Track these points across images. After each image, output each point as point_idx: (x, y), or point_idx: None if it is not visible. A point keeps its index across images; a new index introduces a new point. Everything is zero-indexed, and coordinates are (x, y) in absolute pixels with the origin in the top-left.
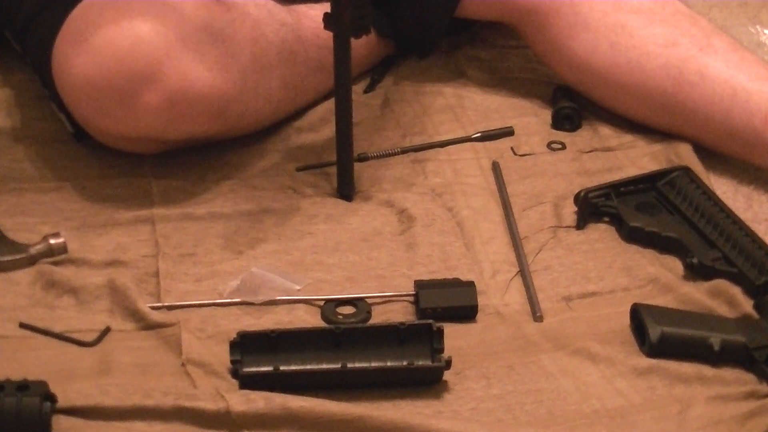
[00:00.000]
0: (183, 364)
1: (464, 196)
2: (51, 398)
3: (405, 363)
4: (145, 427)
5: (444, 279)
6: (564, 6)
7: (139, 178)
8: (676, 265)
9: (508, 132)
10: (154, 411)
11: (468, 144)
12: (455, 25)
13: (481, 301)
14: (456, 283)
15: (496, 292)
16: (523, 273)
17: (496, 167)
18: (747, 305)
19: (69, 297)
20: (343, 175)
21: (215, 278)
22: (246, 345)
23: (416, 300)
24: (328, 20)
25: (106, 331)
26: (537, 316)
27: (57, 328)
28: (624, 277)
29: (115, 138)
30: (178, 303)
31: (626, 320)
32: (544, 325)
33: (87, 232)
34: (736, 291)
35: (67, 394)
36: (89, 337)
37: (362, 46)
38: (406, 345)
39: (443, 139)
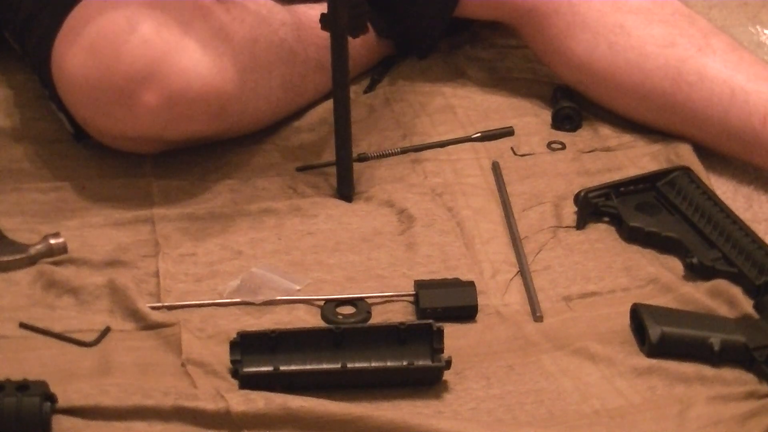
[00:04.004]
0: (183, 364)
1: (464, 196)
2: (51, 398)
3: (405, 363)
4: (145, 427)
5: (444, 279)
6: (563, 6)
7: (139, 178)
8: (676, 265)
9: (508, 132)
10: (154, 411)
11: (468, 144)
12: (455, 25)
13: (481, 301)
14: (456, 283)
15: (496, 292)
16: (523, 273)
17: (496, 167)
18: (747, 305)
19: (69, 297)
20: (342, 175)
21: (215, 278)
22: (246, 345)
23: (416, 300)
24: (325, 20)
25: (106, 331)
26: (537, 316)
27: (57, 328)
28: (624, 277)
29: (114, 138)
30: (178, 303)
31: (626, 320)
32: (544, 325)
33: (87, 232)
34: (736, 291)
35: (67, 394)
36: (89, 337)
37: (362, 46)
38: (406, 345)
39: (443, 139)
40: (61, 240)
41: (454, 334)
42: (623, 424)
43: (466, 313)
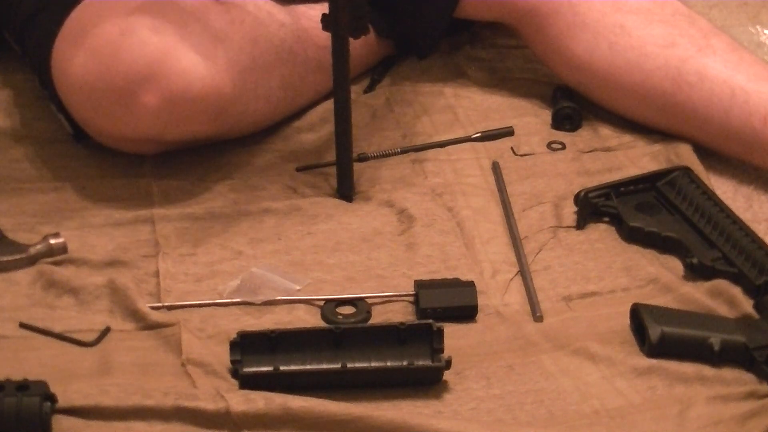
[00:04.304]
0: (183, 364)
1: (464, 196)
2: (51, 398)
3: (405, 363)
4: (145, 427)
5: (444, 279)
6: (563, 6)
7: (139, 178)
8: (676, 265)
9: (508, 132)
10: (154, 411)
11: (468, 144)
12: (455, 25)
13: (481, 301)
14: (456, 283)
15: (496, 292)
16: (523, 273)
17: (496, 167)
18: (747, 305)
19: (69, 297)
20: (342, 175)
21: (215, 278)
22: (246, 345)
23: (416, 300)
24: (326, 21)
25: (106, 331)
26: (537, 316)
27: (57, 328)
28: (624, 277)
29: (114, 138)
30: (178, 303)
31: (626, 320)
32: (544, 325)
33: (87, 232)
34: (736, 291)
35: (67, 394)
36: (89, 337)
37: (362, 46)
38: (406, 345)
39: (443, 139)
40: (61, 240)
41: (454, 334)
42: (623, 424)
43: (466, 313)
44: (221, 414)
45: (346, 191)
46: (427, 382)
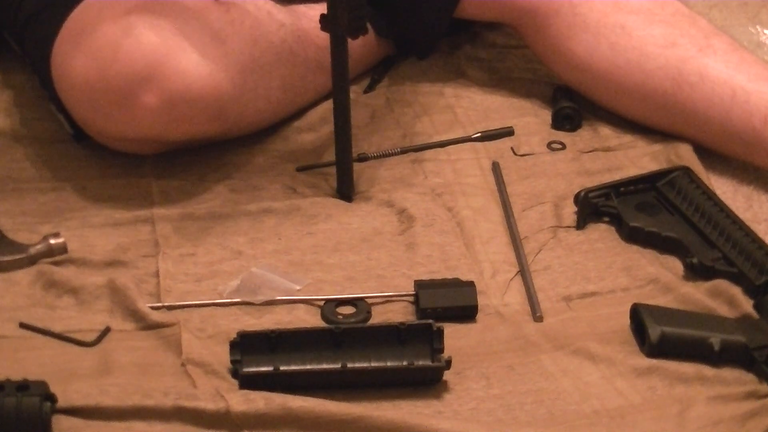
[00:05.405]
0: (183, 364)
1: (464, 196)
2: (51, 398)
3: (405, 363)
4: (145, 427)
5: (444, 279)
6: (563, 6)
7: (139, 178)
8: (676, 265)
9: (508, 132)
10: (154, 411)
11: (468, 144)
12: (455, 25)
13: (481, 301)
14: (456, 283)
15: (496, 292)
16: (523, 273)
17: (496, 167)
18: (747, 305)
19: (69, 297)
20: (342, 175)
21: (215, 278)
22: (246, 345)
23: (416, 300)
24: (325, 21)
25: (106, 331)
26: (537, 316)
27: (57, 328)
28: (624, 277)
29: (114, 139)
30: (178, 303)
31: (626, 320)
32: (544, 325)
33: (87, 232)
34: (736, 291)
35: (67, 394)
36: (89, 337)
37: (361, 46)
38: (406, 345)
39: (443, 139)
40: (61, 240)
41: (454, 334)
42: (623, 424)
43: (466, 313)
44: (221, 414)
45: (346, 191)
46: (427, 382)
